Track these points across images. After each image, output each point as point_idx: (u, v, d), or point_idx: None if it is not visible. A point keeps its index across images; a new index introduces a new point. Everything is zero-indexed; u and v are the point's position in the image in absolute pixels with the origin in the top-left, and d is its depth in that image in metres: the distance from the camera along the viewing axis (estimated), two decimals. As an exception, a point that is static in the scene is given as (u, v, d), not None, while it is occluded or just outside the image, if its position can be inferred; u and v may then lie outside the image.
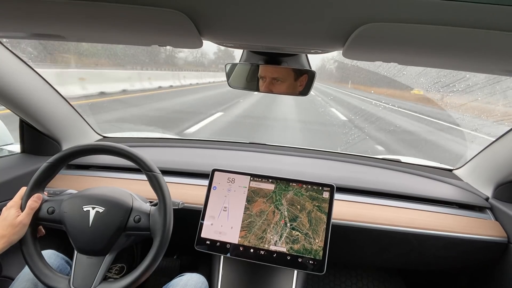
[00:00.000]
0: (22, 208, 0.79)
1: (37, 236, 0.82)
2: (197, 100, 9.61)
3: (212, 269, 1.07)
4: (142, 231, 0.81)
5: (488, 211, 1.17)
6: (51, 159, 0.83)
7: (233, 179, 1.04)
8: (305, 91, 0.90)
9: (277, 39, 0.56)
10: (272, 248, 0.96)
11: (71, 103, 1.28)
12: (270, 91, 0.90)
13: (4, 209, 0.78)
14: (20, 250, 0.78)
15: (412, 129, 7.01)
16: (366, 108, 10.61)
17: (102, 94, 7.45)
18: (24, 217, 0.77)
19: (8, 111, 1.09)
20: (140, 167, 0.84)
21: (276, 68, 0.88)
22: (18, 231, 0.76)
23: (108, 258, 0.80)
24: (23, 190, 0.82)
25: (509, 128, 1.10)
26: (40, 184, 0.83)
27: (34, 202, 0.79)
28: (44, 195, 0.85)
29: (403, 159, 1.52)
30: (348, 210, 1.11)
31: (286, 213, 0.98)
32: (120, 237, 0.80)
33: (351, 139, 5.43)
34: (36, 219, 0.81)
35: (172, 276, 0.99)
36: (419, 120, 8.31)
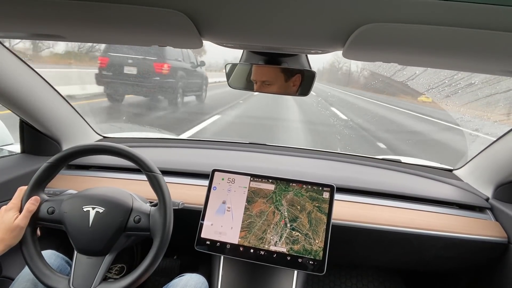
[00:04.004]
0: (21, 210, 0.79)
1: (37, 236, 0.82)
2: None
3: (212, 269, 1.07)
4: (142, 232, 0.81)
5: (488, 212, 1.17)
6: (51, 159, 0.83)
7: (233, 180, 1.04)
8: (305, 91, 0.90)
9: (277, 39, 0.57)
10: (272, 248, 0.96)
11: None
12: (266, 91, 0.92)
13: (3, 210, 0.78)
14: (20, 251, 0.78)
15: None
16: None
17: None
18: (21, 220, 0.76)
19: (9, 111, 1.09)
20: (140, 167, 0.84)
21: (266, 72, 0.89)
22: (16, 235, 0.76)
23: (108, 259, 0.80)
24: (21, 190, 0.82)
25: (509, 128, 1.10)
26: (40, 184, 0.83)
27: (32, 204, 0.79)
28: (44, 195, 0.84)
29: (403, 159, 1.52)
30: (348, 211, 1.11)
31: (286, 213, 0.98)
32: (120, 238, 0.80)
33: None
34: (36, 219, 0.80)
35: (172, 276, 0.99)
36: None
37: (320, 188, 0.99)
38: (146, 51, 5.87)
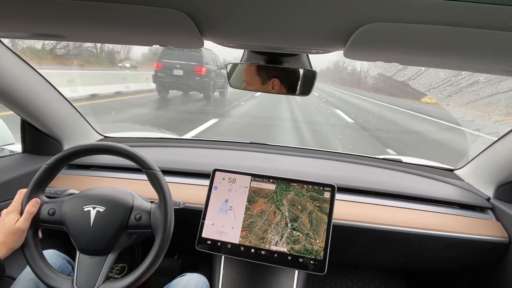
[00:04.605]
0: (21, 212, 0.79)
1: (38, 238, 0.82)
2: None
3: (213, 269, 1.07)
4: (144, 229, 0.81)
5: (490, 212, 1.17)
6: (50, 160, 0.83)
7: (234, 179, 1.04)
8: (305, 91, 0.90)
9: (278, 39, 0.57)
10: (273, 248, 0.96)
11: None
12: (250, 90, 0.94)
13: (4, 213, 0.78)
14: (22, 253, 0.78)
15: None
16: None
17: None
18: (22, 222, 0.76)
19: (10, 112, 1.09)
20: (139, 165, 0.84)
21: (247, 71, 0.91)
22: (18, 238, 0.76)
23: (110, 258, 0.80)
24: (21, 193, 0.81)
25: (510, 128, 1.10)
26: (40, 186, 0.83)
27: (32, 207, 0.79)
28: (44, 197, 0.84)
29: (404, 159, 1.51)
30: (349, 210, 1.11)
31: (287, 213, 0.98)
32: (122, 236, 0.80)
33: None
34: (37, 221, 0.80)
35: (173, 276, 0.99)
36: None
37: (321, 188, 0.99)
38: (189, 58, 8.17)
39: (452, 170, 1.42)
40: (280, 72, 0.88)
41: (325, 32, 0.49)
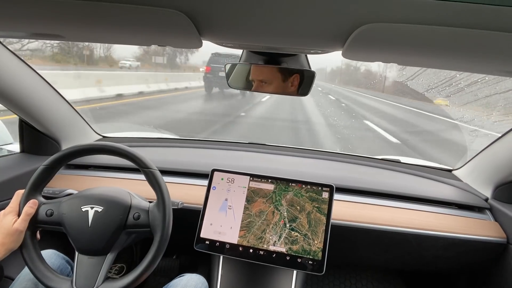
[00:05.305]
0: (19, 213, 0.78)
1: (36, 239, 0.82)
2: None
3: (212, 269, 1.07)
4: (142, 228, 0.81)
5: (488, 212, 1.17)
6: (47, 161, 0.83)
7: (232, 179, 1.04)
8: (305, 91, 0.90)
9: (277, 39, 0.57)
10: (271, 248, 0.96)
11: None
12: (264, 91, 0.92)
13: (1, 215, 0.78)
14: (21, 254, 0.78)
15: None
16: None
17: None
18: (20, 223, 0.76)
19: (12, 116, 1.09)
20: (136, 164, 0.84)
21: (264, 71, 0.88)
22: (16, 239, 0.75)
23: (109, 257, 0.79)
24: (19, 194, 0.81)
25: (509, 128, 1.10)
26: (37, 187, 0.82)
27: (30, 208, 0.79)
28: (42, 198, 0.84)
29: (403, 159, 1.52)
30: (348, 211, 1.11)
31: (285, 213, 0.98)
32: (121, 236, 0.80)
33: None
34: (35, 222, 0.80)
35: (172, 276, 0.99)
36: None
37: (320, 188, 0.99)
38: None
39: (450, 171, 1.43)
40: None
41: (323, 33, 0.49)
